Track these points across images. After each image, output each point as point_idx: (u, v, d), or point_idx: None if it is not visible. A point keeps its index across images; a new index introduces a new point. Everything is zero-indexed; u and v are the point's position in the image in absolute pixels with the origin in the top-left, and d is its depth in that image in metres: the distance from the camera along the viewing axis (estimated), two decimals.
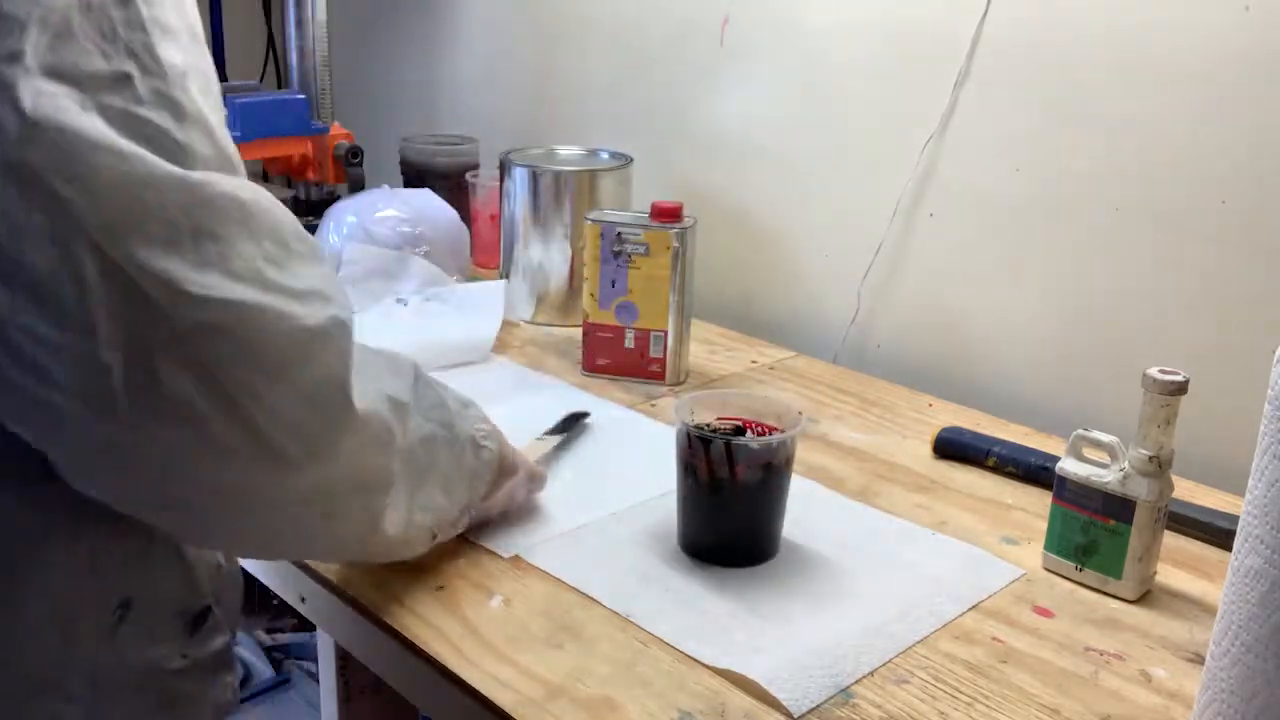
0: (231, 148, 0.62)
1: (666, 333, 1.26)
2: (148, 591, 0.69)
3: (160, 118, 0.57)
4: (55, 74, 0.53)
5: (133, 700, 0.70)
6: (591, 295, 1.26)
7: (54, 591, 0.65)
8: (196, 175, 0.57)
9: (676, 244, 1.23)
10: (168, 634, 0.72)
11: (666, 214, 1.24)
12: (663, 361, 1.27)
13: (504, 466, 0.89)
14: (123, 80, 0.56)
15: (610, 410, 1.20)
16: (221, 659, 0.76)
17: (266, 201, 0.61)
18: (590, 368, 1.28)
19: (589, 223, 1.25)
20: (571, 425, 1.12)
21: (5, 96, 0.52)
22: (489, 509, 0.92)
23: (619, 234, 1.23)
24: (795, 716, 0.73)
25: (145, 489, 0.61)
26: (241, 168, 0.63)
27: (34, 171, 0.52)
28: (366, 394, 0.67)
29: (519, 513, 0.95)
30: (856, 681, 0.77)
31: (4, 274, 0.53)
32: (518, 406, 1.19)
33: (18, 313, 0.54)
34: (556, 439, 1.08)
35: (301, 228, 0.64)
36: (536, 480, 0.96)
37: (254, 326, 0.58)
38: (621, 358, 1.27)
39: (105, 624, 0.67)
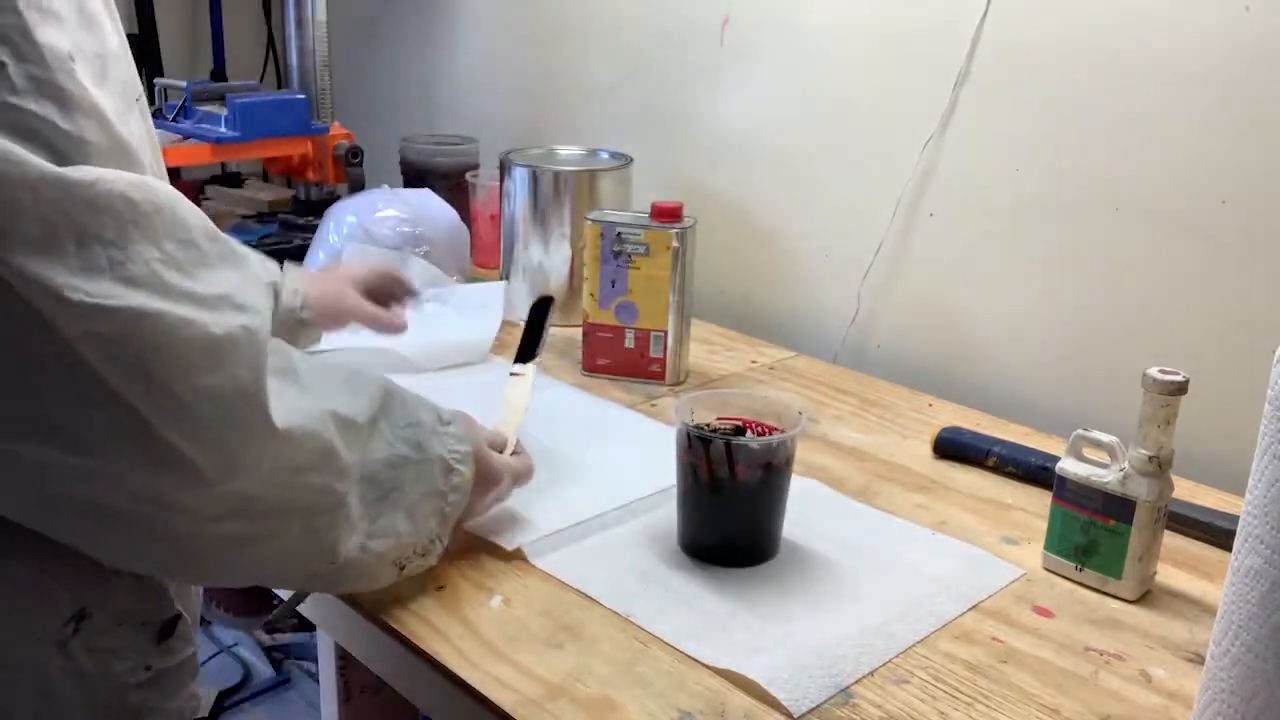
0: (133, 137, 0.57)
1: (666, 333, 1.26)
2: (106, 603, 0.67)
3: (40, 107, 0.52)
4: None
5: (87, 714, 0.68)
6: (591, 295, 1.26)
7: (14, 575, 0.62)
8: (76, 173, 0.52)
9: (676, 244, 1.23)
10: (130, 646, 0.69)
11: (666, 214, 1.24)
12: (663, 361, 1.27)
13: (487, 478, 0.85)
14: None
15: (610, 410, 1.20)
16: (187, 668, 0.74)
17: (166, 200, 0.57)
18: (590, 368, 1.28)
19: (589, 223, 1.25)
20: (538, 336, 1.07)
21: None
22: (473, 520, 0.89)
23: (619, 234, 1.23)
24: (795, 716, 0.73)
25: (47, 507, 0.58)
26: (146, 160, 0.59)
27: None
28: (302, 411, 0.63)
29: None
30: (856, 681, 0.77)
31: None
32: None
33: None
34: (527, 369, 1.04)
35: (214, 227, 0.60)
36: (523, 479, 0.92)
37: (152, 335, 0.54)
38: (621, 358, 1.27)
39: (56, 637, 0.65)
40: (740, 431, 0.93)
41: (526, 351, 1.06)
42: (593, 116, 1.69)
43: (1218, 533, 0.96)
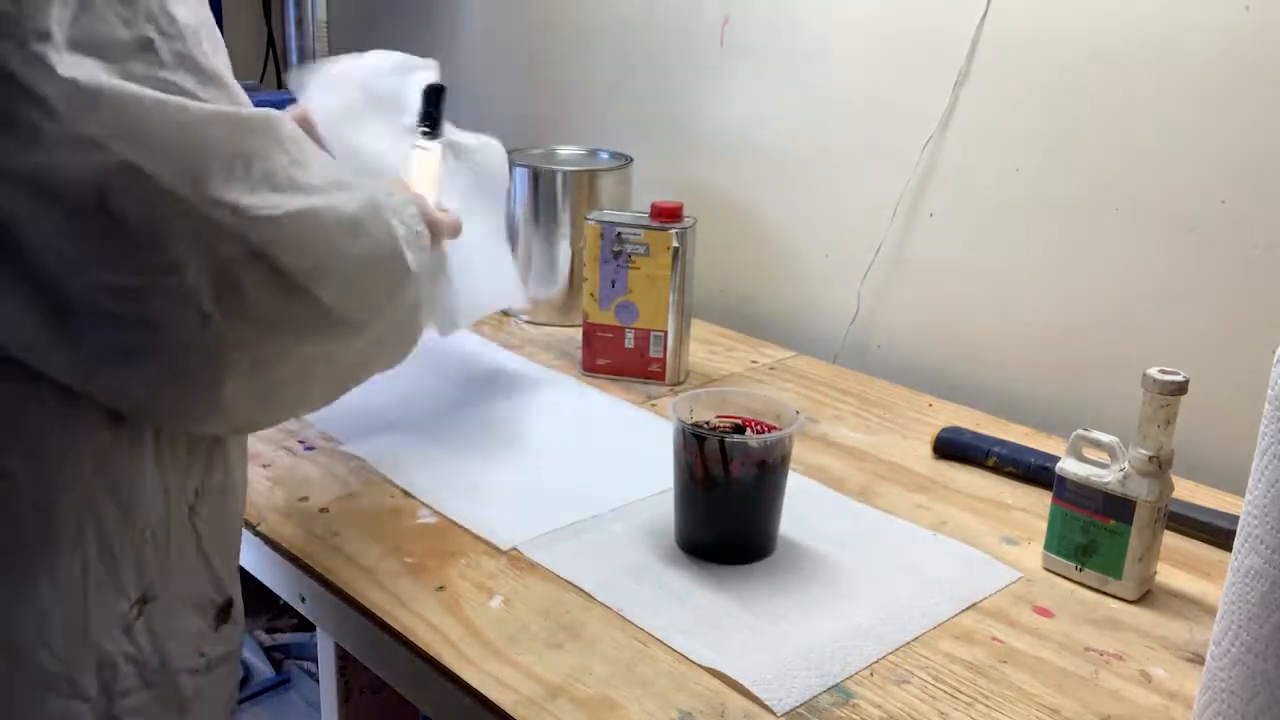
0: (243, 95, 0.66)
1: (666, 333, 1.26)
2: (168, 586, 0.69)
3: (183, 79, 0.59)
4: (82, 47, 0.55)
5: (147, 700, 0.69)
6: (591, 295, 1.26)
7: (67, 588, 0.65)
8: (229, 107, 0.62)
9: (676, 244, 1.23)
10: (187, 631, 0.72)
11: (666, 214, 1.24)
12: (663, 361, 1.27)
13: (435, 234, 0.88)
14: (146, 46, 0.57)
15: (610, 410, 1.20)
16: (235, 656, 0.77)
17: (274, 112, 0.66)
18: (590, 368, 1.28)
19: (589, 223, 1.25)
20: (434, 111, 1.07)
21: (45, 74, 0.53)
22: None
23: (619, 234, 1.23)
24: (779, 715, 0.73)
25: (236, 387, 0.65)
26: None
27: (97, 142, 0.55)
28: (408, 244, 0.75)
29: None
30: (850, 679, 0.77)
31: (88, 233, 0.57)
32: (521, 405, 1.19)
33: (104, 271, 0.58)
34: (434, 145, 1.04)
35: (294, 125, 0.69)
36: (455, 233, 0.95)
37: (309, 226, 0.65)
38: (621, 358, 1.27)
39: (122, 620, 0.67)
40: (739, 430, 0.93)
41: (431, 125, 1.06)
42: (593, 116, 1.69)
43: (1218, 533, 0.96)
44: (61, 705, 0.65)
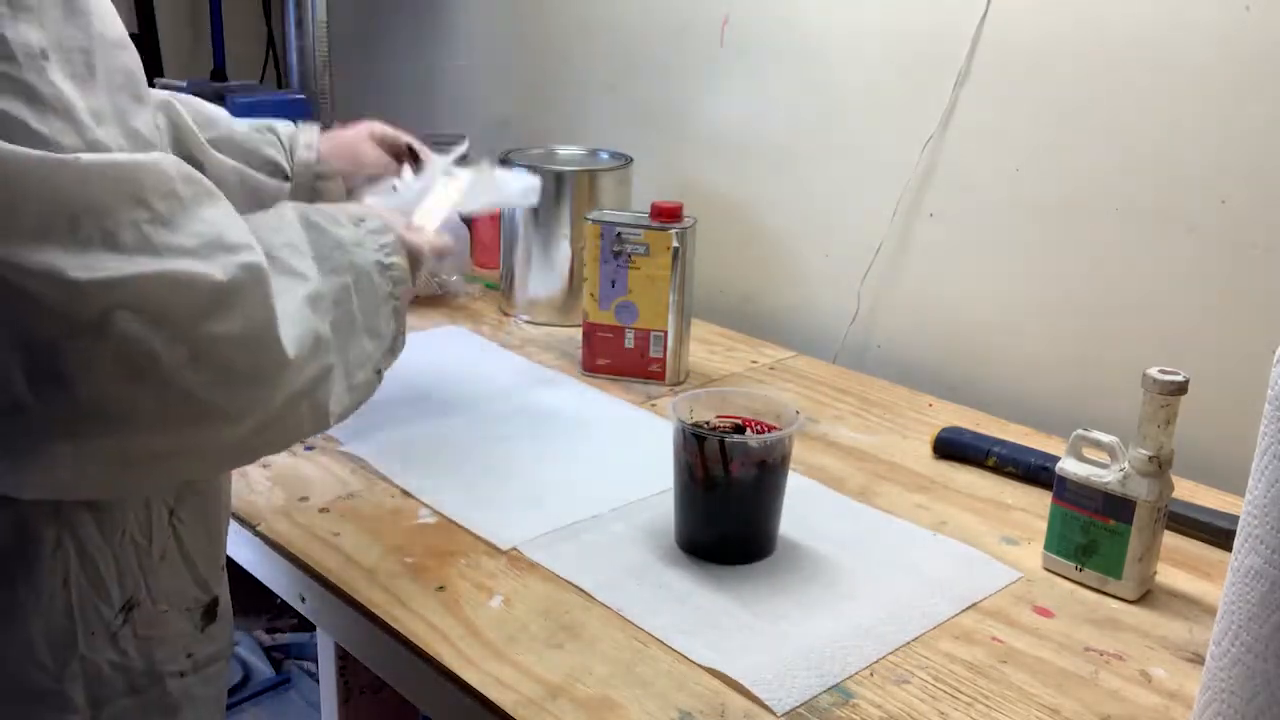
0: (106, 137, 0.55)
1: (666, 333, 1.26)
2: (152, 589, 0.68)
3: (11, 105, 0.50)
4: None
5: (132, 706, 0.69)
6: (591, 295, 1.26)
7: (50, 601, 0.64)
8: (59, 156, 0.51)
9: (676, 244, 1.23)
10: (174, 633, 0.71)
11: (666, 214, 1.24)
12: (663, 361, 1.27)
13: (414, 257, 0.82)
14: None
15: (610, 410, 1.20)
16: (224, 655, 0.76)
17: (146, 158, 0.56)
18: (590, 368, 1.28)
19: (589, 223, 1.25)
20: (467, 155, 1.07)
21: None
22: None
23: (619, 234, 1.23)
24: (780, 715, 0.73)
25: (74, 473, 0.57)
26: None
27: None
28: (292, 319, 0.63)
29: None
30: (850, 679, 0.77)
31: None
32: (521, 405, 1.19)
33: None
34: (464, 174, 1.04)
35: (185, 166, 0.58)
36: (445, 253, 0.90)
37: (161, 297, 0.54)
38: (622, 358, 1.27)
39: (107, 628, 0.67)
40: (740, 430, 0.93)
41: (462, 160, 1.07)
42: (593, 116, 1.69)
43: (1218, 533, 0.96)
44: (52, 719, 0.65)
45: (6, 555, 0.62)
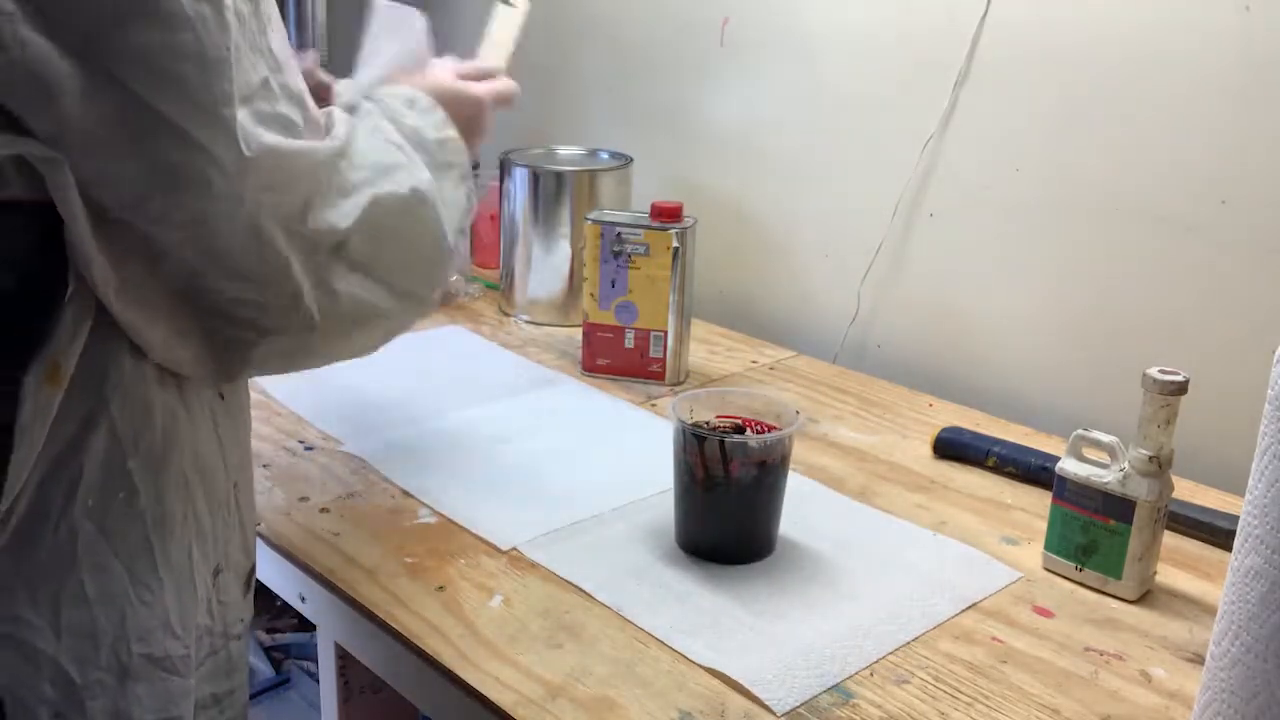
0: (309, 99, 0.67)
1: (666, 333, 1.26)
2: (228, 559, 0.73)
3: (289, 109, 0.63)
4: (241, 100, 0.58)
5: (213, 669, 0.73)
6: (591, 295, 1.26)
7: (179, 573, 0.68)
8: (316, 144, 0.65)
9: (676, 244, 1.23)
10: (236, 597, 0.75)
11: (666, 214, 1.24)
12: (663, 361, 1.27)
13: (472, 117, 0.89)
14: (265, 84, 0.61)
15: (610, 410, 1.20)
16: (250, 621, 0.79)
17: (334, 120, 0.70)
18: (590, 368, 1.28)
19: (589, 223, 1.25)
20: None
21: (223, 136, 0.57)
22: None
23: (619, 234, 1.23)
24: (780, 715, 0.73)
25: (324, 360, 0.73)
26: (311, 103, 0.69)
27: (254, 194, 0.60)
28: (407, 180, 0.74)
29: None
30: (850, 679, 0.77)
31: (227, 271, 0.62)
32: (522, 405, 1.19)
33: (233, 288, 0.63)
34: (520, 3, 1.07)
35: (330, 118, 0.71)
36: (504, 101, 0.98)
37: (380, 223, 0.69)
38: (622, 358, 1.27)
39: (208, 594, 0.71)
40: (740, 430, 0.93)
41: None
42: (593, 116, 1.69)
43: (1218, 533, 0.96)
44: (178, 684, 0.68)
45: (153, 530, 0.65)
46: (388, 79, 0.87)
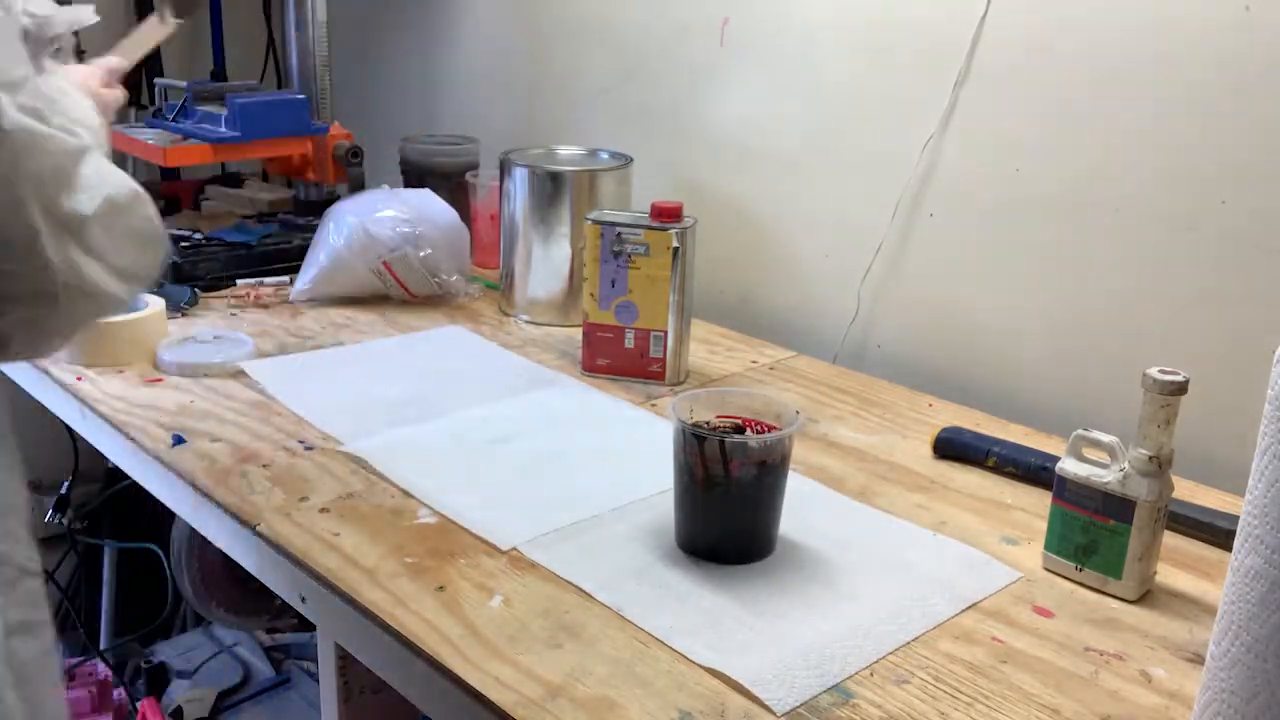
0: (63, 105, 0.73)
1: (666, 333, 1.26)
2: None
3: (44, 106, 0.69)
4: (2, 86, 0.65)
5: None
6: (591, 295, 1.26)
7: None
8: (75, 140, 0.71)
9: (676, 244, 1.23)
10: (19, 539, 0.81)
11: (667, 214, 1.24)
12: (663, 361, 1.27)
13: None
14: (26, 81, 0.68)
15: (610, 410, 1.20)
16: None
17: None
18: (590, 368, 1.28)
19: (589, 223, 1.25)
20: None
21: None
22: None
23: (619, 234, 1.23)
24: (780, 715, 0.73)
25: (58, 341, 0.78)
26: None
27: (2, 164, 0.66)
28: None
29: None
30: (850, 679, 0.77)
31: None
32: (522, 405, 1.19)
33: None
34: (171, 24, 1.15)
35: None
36: (109, 109, 1.00)
37: (114, 217, 0.73)
38: (622, 358, 1.27)
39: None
40: (739, 430, 0.93)
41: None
42: (593, 116, 1.69)
43: (1218, 533, 0.96)
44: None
45: None
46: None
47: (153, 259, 0.81)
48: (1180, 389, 0.84)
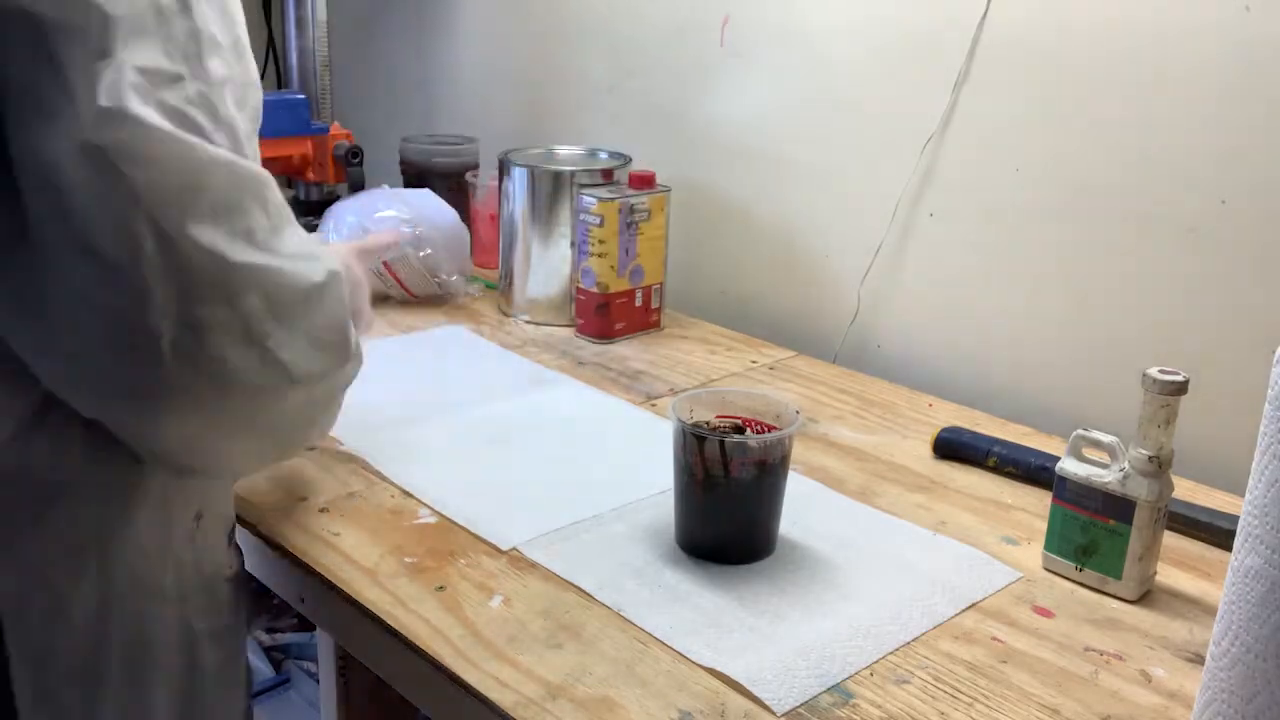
0: (250, 154, 0.69)
1: (663, 284, 1.40)
2: (210, 505, 0.81)
3: (201, 116, 0.64)
4: (129, 68, 0.61)
5: (207, 604, 0.82)
6: (611, 268, 1.34)
7: (151, 505, 0.76)
8: (230, 155, 0.65)
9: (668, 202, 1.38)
10: (221, 544, 0.84)
11: (647, 181, 1.37)
12: (659, 310, 1.41)
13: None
14: (178, 80, 0.63)
15: (610, 409, 1.20)
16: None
17: (268, 177, 0.69)
18: (609, 333, 1.37)
19: (603, 202, 1.32)
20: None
21: (88, 85, 0.59)
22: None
23: (632, 205, 1.32)
24: (780, 715, 0.73)
25: (176, 430, 0.69)
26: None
27: (104, 152, 0.59)
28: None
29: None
30: (850, 679, 0.77)
31: (70, 239, 0.61)
32: (522, 405, 1.19)
33: (74, 273, 0.61)
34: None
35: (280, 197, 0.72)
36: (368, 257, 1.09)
37: (277, 285, 0.67)
38: (633, 316, 1.39)
39: (188, 532, 0.79)
40: (740, 430, 0.93)
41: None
42: (593, 116, 1.69)
43: (1218, 533, 0.96)
44: (153, 608, 0.77)
45: (128, 473, 0.75)
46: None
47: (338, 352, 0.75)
48: (1180, 389, 0.84)
